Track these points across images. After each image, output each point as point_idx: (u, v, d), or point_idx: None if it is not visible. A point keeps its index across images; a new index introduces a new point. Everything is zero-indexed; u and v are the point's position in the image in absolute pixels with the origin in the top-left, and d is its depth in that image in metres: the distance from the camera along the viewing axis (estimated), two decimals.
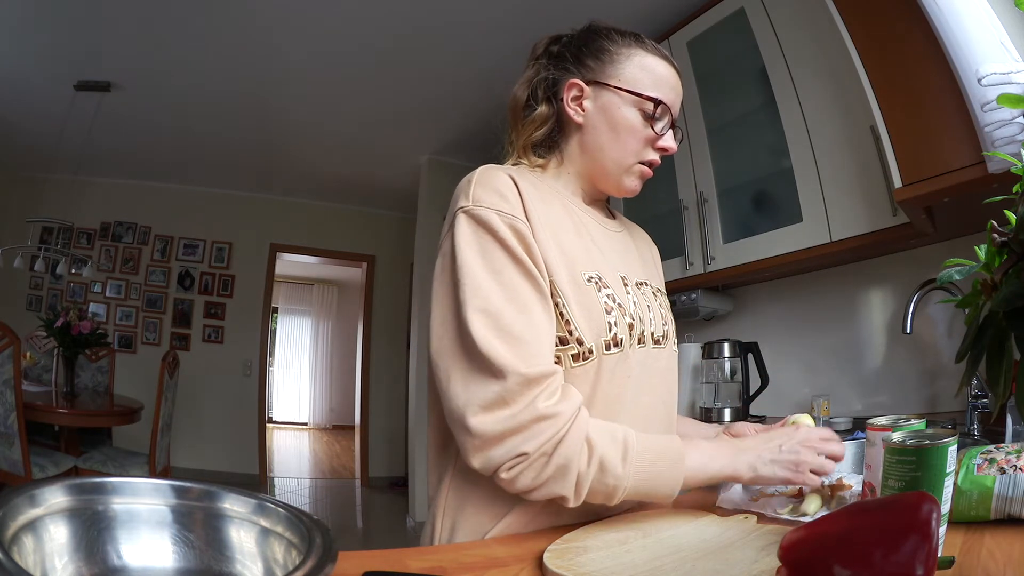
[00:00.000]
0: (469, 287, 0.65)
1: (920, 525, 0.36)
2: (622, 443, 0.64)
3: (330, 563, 0.38)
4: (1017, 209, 0.53)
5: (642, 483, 0.64)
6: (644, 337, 0.76)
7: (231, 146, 3.90)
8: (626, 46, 0.79)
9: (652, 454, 0.65)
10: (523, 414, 0.60)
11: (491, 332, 0.62)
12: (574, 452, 0.61)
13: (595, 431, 0.64)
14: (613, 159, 0.79)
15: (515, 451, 0.60)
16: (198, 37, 2.63)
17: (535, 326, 0.65)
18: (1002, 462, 0.57)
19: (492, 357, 0.61)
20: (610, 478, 0.63)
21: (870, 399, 1.83)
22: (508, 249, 0.66)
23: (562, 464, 0.61)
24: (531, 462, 0.61)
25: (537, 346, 0.64)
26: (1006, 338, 0.50)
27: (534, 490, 0.62)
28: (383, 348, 5.18)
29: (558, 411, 0.61)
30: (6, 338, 2.43)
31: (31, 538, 0.36)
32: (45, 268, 3.65)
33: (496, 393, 0.61)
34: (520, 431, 0.60)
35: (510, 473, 0.61)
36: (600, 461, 0.62)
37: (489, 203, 0.68)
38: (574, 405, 0.63)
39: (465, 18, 2.47)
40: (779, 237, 1.80)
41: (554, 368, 0.64)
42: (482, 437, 0.61)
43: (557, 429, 0.61)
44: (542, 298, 0.67)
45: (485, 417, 0.61)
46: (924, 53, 1.15)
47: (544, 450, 0.60)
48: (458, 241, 0.67)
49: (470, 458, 0.63)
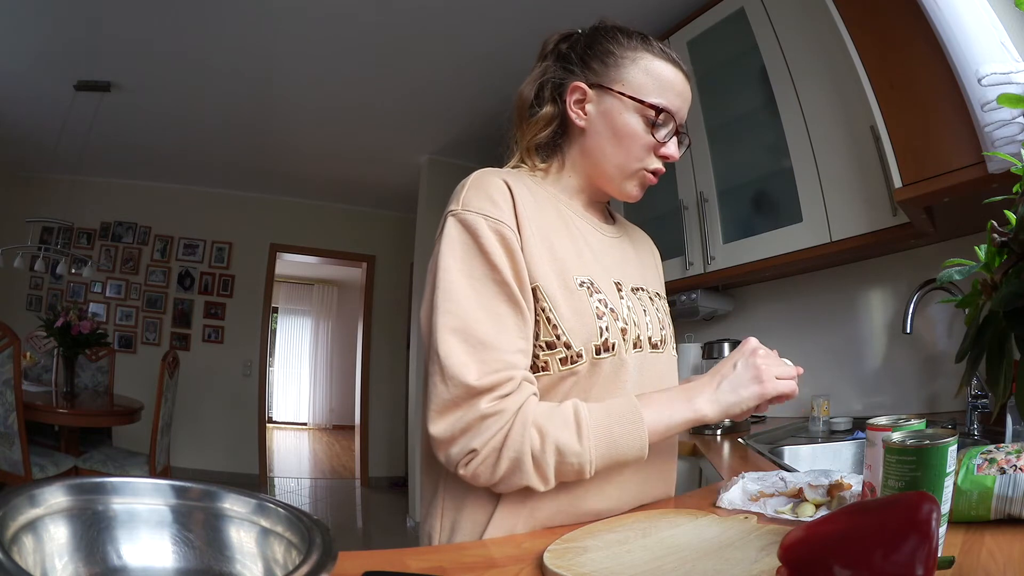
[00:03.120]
0: (442, 291, 0.66)
1: (920, 525, 0.36)
2: (574, 421, 0.65)
3: (330, 563, 0.38)
4: (1017, 209, 0.53)
5: (606, 452, 0.65)
6: (640, 341, 0.76)
7: (231, 146, 3.90)
8: (631, 49, 0.77)
9: (607, 422, 0.66)
10: (468, 414, 0.63)
11: (456, 337, 0.65)
12: (522, 443, 0.63)
13: (543, 417, 0.65)
14: (615, 165, 0.79)
15: (466, 448, 0.64)
16: (198, 37, 2.63)
17: (504, 332, 0.66)
18: (1002, 462, 0.57)
19: (445, 363, 0.64)
20: (572, 457, 0.64)
21: (870, 399, 1.83)
22: (489, 255, 0.67)
23: (514, 457, 0.63)
24: (483, 458, 0.63)
25: (501, 352, 0.65)
26: (1006, 338, 0.50)
27: (497, 484, 0.65)
28: (383, 348, 5.18)
29: (501, 408, 0.63)
30: (6, 338, 2.43)
31: (31, 538, 0.36)
32: (45, 268, 3.65)
33: (445, 399, 0.64)
34: (468, 430, 0.63)
35: (467, 469, 0.64)
36: (555, 446, 0.64)
37: (477, 207, 0.69)
38: (519, 400, 0.65)
39: (466, 18, 2.47)
40: (779, 237, 1.80)
41: (511, 374, 0.65)
42: (438, 438, 0.65)
43: (501, 424, 0.63)
44: (515, 306, 0.67)
45: (439, 420, 0.64)
46: (924, 53, 1.15)
47: (492, 445, 0.63)
48: (443, 244, 0.69)
49: (437, 456, 0.67)
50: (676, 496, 0.85)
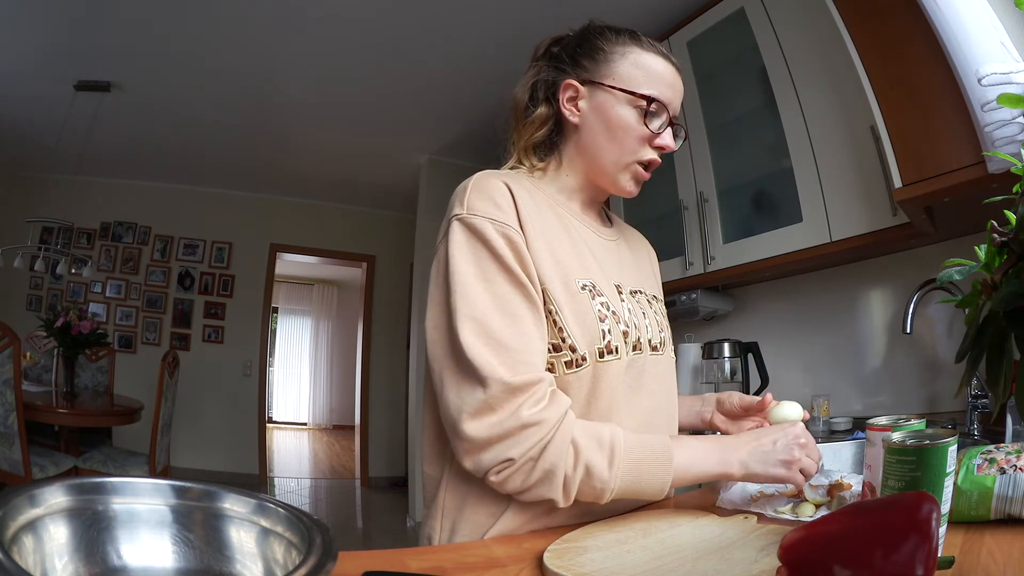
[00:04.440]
0: (460, 295, 0.66)
1: (920, 525, 0.36)
2: (608, 447, 0.64)
3: (330, 563, 0.38)
4: (1017, 209, 0.53)
5: (629, 484, 0.65)
6: (640, 344, 0.76)
7: (231, 146, 3.90)
8: (620, 44, 0.78)
9: (639, 455, 0.65)
10: (508, 421, 0.62)
11: (479, 340, 0.64)
12: (559, 458, 0.62)
13: (581, 435, 0.64)
14: (610, 159, 0.79)
15: (502, 456, 0.62)
16: (198, 37, 2.63)
17: (524, 334, 0.66)
18: (1002, 462, 0.57)
19: (478, 365, 0.63)
20: (597, 482, 0.64)
21: (870, 399, 1.83)
22: (500, 258, 0.67)
23: (548, 469, 0.62)
24: (518, 467, 0.62)
25: (525, 354, 0.65)
26: (1006, 338, 0.50)
27: (523, 492, 0.64)
28: (383, 348, 5.17)
29: (543, 418, 0.62)
30: (6, 338, 2.43)
31: (31, 538, 0.36)
32: (45, 268, 3.65)
33: (482, 400, 0.62)
34: (506, 437, 0.62)
35: (499, 477, 0.63)
36: (586, 466, 0.63)
37: (483, 211, 0.69)
38: (559, 411, 0.64)
39: (466, 18, 2.47)
40: (779, 237, 1.80)
41: (541, 375, 0.64)
42: (471, 442, 0.63)
43: (542, 436, 0.62)
44: (532, 307, 0.67)
45: (473, 423, 0.62)
46: (924, 53, 1.15)
47: (530, 455, 0.62)
48: (452, 249, 0.68)
49: (462, 460, 0.65)
50: (676, 496, 0.85)
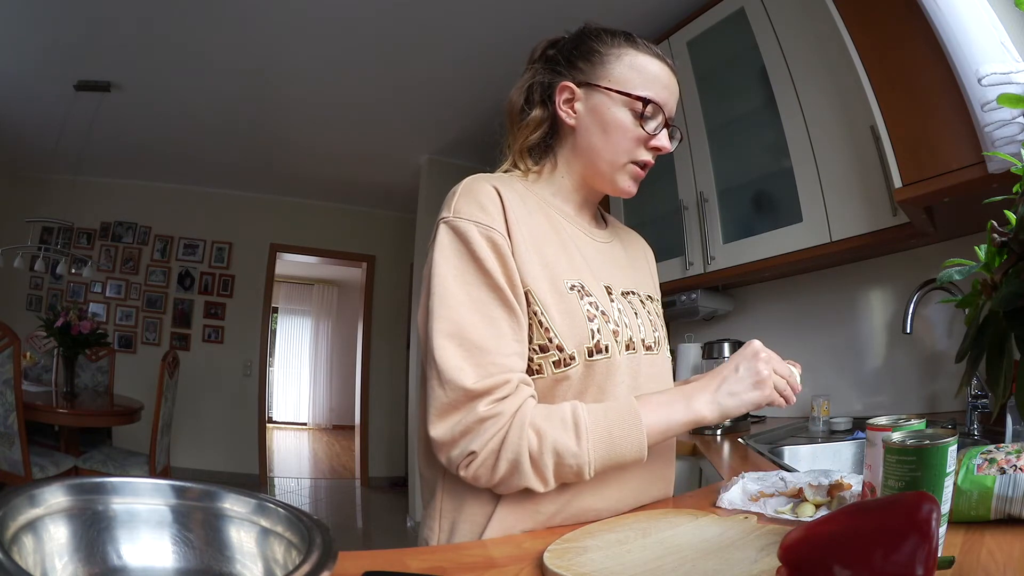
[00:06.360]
0: (438, 296, 0.67)
1: (920, 525, 0.36)
2: (572, 423, 0.65)
3: (330, 563, 0.38)
4: (1017, 209, 0.53)
5: (605, 453, 0.66)
6: (633, 343, 0.77)
7: (231, 146, 3.90)
8: (616, 46, 0.79)
9: (605, 423, 0.66)
10: (467, 418, 0.64)
11: (451, 341, 0.66)
12: (520, 444, 0.63)
13: (542, 418, 0.65)
14: (606, 160, 0.79)
15: (466, 451, 0.64)
16: (198, 37, 2.63)
17: (499, 336, 0.67)
18: (1002, 462, 0.57)
19: (442, 368, 0.65)
20: (570, 459, 0.64)
21: (870, 399, 1.83)
22: (481, 261, 0.68)
23: (512, 459, 0.64)
24: (482, 460, 0.64)
25: (497, 355, 0.66)
26: (1006, 338, 0.50)
27: (498, 485, 0.66)
28: (383, 348, 5.18)
29: (499, 411, 0.64)
30: (6, 338, 2.43)
31: (31, 538, 0.36)
32: (45, 268, 3.65)
33: (444, 402, 0.65)
34: (467, 433, 0.64)
35: (467, 471, 0.65)
36: (553, 447, 0.64)
37: (468, 215, 0.70)
38: (516, 402, 0.65)
39: (466, 19, 2.47)
40: (779, 237, 1.80)
41: (506, 378, 0.65)
42: (439, 441, 0.66)
43: (500, 427, 0.64)
44: (509, 310, 0.68)
45: (438, 423, 0.66)
46: (924, 53, 1.15)
47: (491, 447, 0.64)
48: (436, 252, 0.70)
49: (439, 458, 0.67)
50: (676, 496, 0.85)
